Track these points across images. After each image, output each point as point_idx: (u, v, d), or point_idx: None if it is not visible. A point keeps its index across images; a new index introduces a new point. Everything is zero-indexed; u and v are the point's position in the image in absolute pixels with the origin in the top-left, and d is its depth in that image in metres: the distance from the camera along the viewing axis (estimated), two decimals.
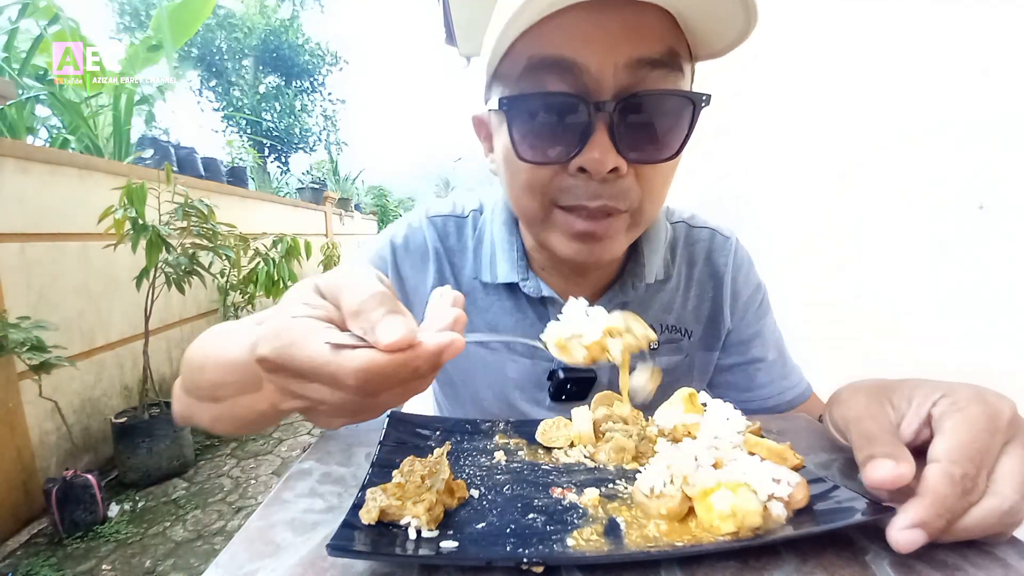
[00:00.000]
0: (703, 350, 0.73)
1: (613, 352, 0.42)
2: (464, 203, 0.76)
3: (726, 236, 0.74)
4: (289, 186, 11.68)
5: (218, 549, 1.47)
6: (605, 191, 0.51)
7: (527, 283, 0.66)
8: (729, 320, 0.73)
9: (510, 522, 0.37)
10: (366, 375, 0.27)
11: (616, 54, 0.47)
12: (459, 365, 0.73)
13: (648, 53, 0.48)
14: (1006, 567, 0.32)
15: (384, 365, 0.27)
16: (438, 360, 0.29)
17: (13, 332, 2.01)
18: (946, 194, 1.01)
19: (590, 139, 0.49)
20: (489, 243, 0.70)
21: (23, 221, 2.40)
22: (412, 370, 0.28)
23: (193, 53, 12.18)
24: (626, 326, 0.43)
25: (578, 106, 0.49)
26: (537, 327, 0.68)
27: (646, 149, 0.51)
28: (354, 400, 0.30)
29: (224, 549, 0.36)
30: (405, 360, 0.28)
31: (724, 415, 0.46)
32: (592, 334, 0.41)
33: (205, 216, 2.80)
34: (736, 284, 0.73)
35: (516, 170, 0.55)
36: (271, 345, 0.30)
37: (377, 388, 0.28)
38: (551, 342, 0.43)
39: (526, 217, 0.59)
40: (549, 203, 0.55)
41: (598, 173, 0.49)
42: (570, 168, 0.51)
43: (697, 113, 0.52)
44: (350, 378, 0.27)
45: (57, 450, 2.52)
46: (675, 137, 0.52)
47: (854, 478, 0.44)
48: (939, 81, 1.03)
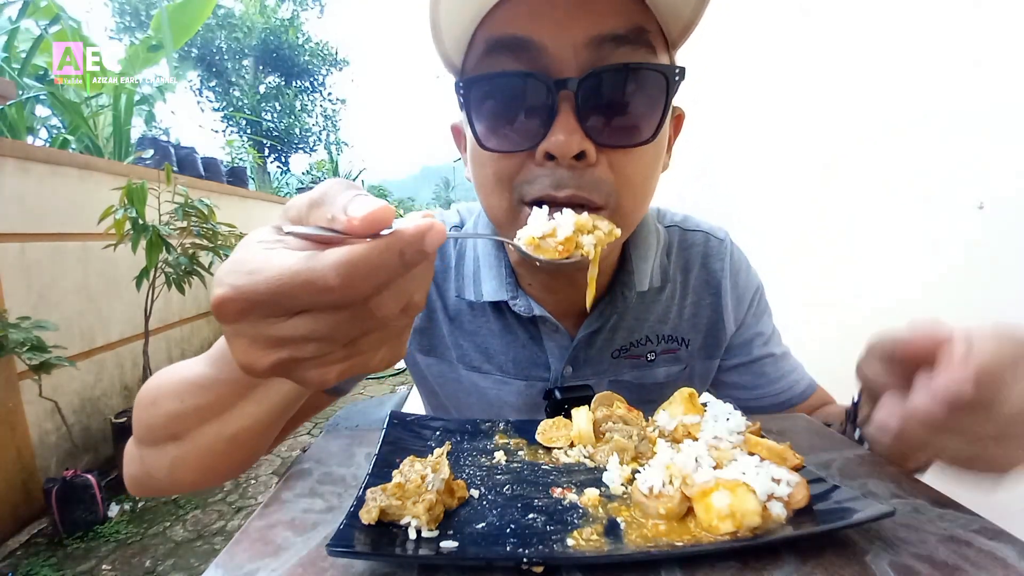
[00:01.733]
0: (704, 359, 0.71)
1: (586, 245, 0.43)
2: (444, 217, 0.73)
3: (720, 239, 0.72)
4: (289, 186, 11.68)
5: (218, 549, 1.47)
6: (573, 180, 0.47)
7: (517, 302, 0.63)
8: (731, 325, 0.70)
9: (510, 522, 0.37)
10: (348, 268, 0.23)
11: (574, 30, 0.45)
12: (452, 391, 0.71)
13: (610, 29, 0.45)
14: (1006, 567, 0.32)
15: (365, 252, 0.24)
16: (421, 245, 0.25)
17: (13, 332, 2.01)
18: (946, 194, 1.01)
19: (555, 121, 0.45)
20: (472, 259, 0.67)
21: (23, 221, 2.40)
22: (398, 256, 0.25)
23: (193, 53, 12.18)
24: (593, 224, 0.44)
25: (538, 85, 0.45)
26: (529, 349, 0.66)
27: (617, 131, 0.47)
28: (344, 321, 0.26)
29: (224, 549, 0.36)
30: (387, 244, 0.24)
31: (724, 415, 0.46)
32: (565, 230, 0.42)
33: (205, 216, 2.81)
34: (736, 289, 0.71)
35: (482, 164, 0.52)
36: (229, 281, 0.25)
37: (364, 287, 0.24)
38: (524, 242, 0.43)
39: (495, 218, 0.55)
40: (517, 200, 0.51)
41: (564, 156, 0.46)
42: (536, 156, 0.48)
43: (672, 90, 0.48)
44: (331, 277, 0.23)
45: (57, 450, 2.52)
46: (648, 119, 0.48)
47: (854, 478, 0.44)
48: (936, 78, 1.03)
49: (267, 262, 0.24)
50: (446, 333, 0.68)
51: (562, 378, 0.65)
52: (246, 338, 0.26)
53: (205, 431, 0.44)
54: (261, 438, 0.47)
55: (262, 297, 0.24)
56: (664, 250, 0.68)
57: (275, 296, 0.24)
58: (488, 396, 0.68)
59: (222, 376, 0.43)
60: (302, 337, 0.26)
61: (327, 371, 0.27)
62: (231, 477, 0.50)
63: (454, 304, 0.68)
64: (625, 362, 0.67)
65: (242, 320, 0.26)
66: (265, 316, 0.25)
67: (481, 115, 0.49)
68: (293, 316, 0.25)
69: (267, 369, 0.27)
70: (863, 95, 1.24)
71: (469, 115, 0.50)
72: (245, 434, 0.45)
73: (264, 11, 13.16)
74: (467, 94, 0.50)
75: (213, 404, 0.44)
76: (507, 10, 0.46)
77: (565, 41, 0.45)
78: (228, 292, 0.25)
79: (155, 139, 4.45)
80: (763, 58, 1.74)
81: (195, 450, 0.45)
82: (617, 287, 0.63)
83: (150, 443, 0.47)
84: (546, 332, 0.65)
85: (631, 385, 0.68)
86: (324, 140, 14.65)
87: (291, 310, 0.25)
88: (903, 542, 0.35)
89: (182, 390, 0.45)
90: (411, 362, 0.72)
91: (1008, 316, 0.85)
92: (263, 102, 13.20)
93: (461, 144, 0.63)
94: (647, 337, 0.67)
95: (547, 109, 0.46)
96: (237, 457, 0.47)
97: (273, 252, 0.25)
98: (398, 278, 0.26)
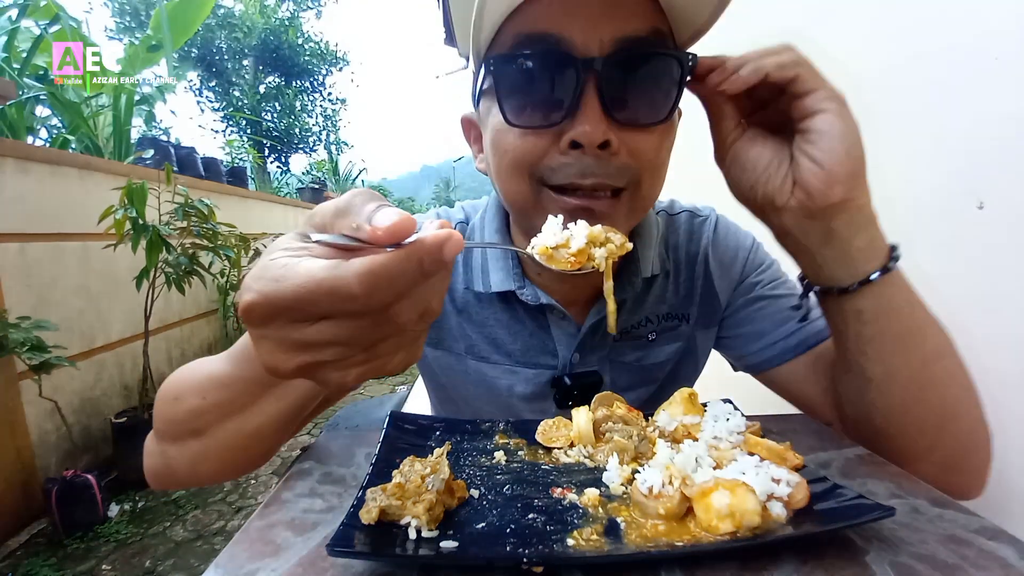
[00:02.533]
0: (702, 328, 0.72)
1: (598, 258, 0.43)
2: (449, 215, 0.75)
3: (703, 216, 0.73)
4: (289, 186, 11.69)
5: (218, 549, 1.47)
6: (599, 168, 0.50)
7: (524, 291, 0.64)
8: (724, 293, 0.71)
9: (510, 522, 0.37)
10: (370, 277, 0.24)
11: (600, 29, 0.47)
12: (459, 382, 0.72)
13: (633, 32, 0.48)
14: (1006, 567, 0.32)
15: (387, 262, 0.25)
16: (440, 255, 0.26)
17: (13, 332, 2.01)
18: (946, 194, 1.01)
19: (580, 107, 0.48)
20: (480, 251, 0.69)
21: (23, 221, 2.40)
22: (417, 265, 0.26)
23: (193, 53, 12.18)
24: (605, 236, 0.44)
25: (566, 64, 0.48)
26: (537, 337, 0.67)
27: (636, 112, 0.50)
28: (365, 327, 0.27)
29: (224, 549, 0.36)
30: (407, 254, 0.25)
31: (724, 415, 0.46)
32: (578, 242, 0.43)
33: (205, 216, 2.81)
34: (721, 252, 0.71)
35: (504, 150, 0.53)
36: (257, 287, 0.26)
37: (386, 295, 0.26)
38: (537, 251, 0.43)
39: (516, 203, 0.57)
40: (538, 183, 0.53)
41: (591, 145, 0.48)
42: (561, 145, 0.50)
43: (685, 75, 0.51)
44: (354, 285, 0.24)
45: (57, 450, 2.52)
46: (665, 99, 0.51)
47: (854, 478, 0.44)
48: (936, 77, 1.03)
49: (293, 269, 0.26)
50: (454, 324, 0.70)
51: (570, 365, 0.66)
52: (272, 341, 0.28)
53: (226, 427, 0.45)
54: (280, 433, 0.49)
55: (288, 303, 0.25)
56: (662, 237, 0.70)
57: (300, 302, 0.25)
58: (496, 386, 0.69)
59: (244, 374, 0.44)
60: (325, 342, 0.27)
61: (347, 374, 0.29)
62: (251, 471, 0.52)
63: (462, 296, 0.69)
64: (626, 344, 0.68)
65: (268, 324, 0.27)
66: (290, 321, 0.27)
67: (510, 92, 0.51)
68: (317, 321, 0.27)
69: (291, 371, 0.28)
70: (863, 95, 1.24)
71: (498, 92, 0.51)
72: (265, 430, 0.46)
73: (264, 11, 13.16)
74: (497, 72, 0.51)
75: (234, 401, 0.45)
76: (538, 7, 0.48)
77: (592, 37, 0.47)
78: (256, 298, 0.26)
79: (155, 139, 4.45)
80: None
81: (216, 445, 0.46)
82: (624, 274, 0.65)
83: (172, 438, 0.49)
84: (553, 320, 0.67)
85: (633, 367, 0.69)
86: (324, 140, 14.65)
87: (315, 316, 0.26)
88: (903, 542, 0.35)
89: (204, 387, 0.46)
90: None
91: (1008, 316, 0.85)
92: (263, 102, 13.20)
93: (472, 136, 0.64)
94: (647, 318, 0.69)
95: (573, 88, 0.48)
96: (257, 452, 0.49)
97: (299, 260, 0.26)
98: (417, 286, 0.27)
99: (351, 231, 0.27)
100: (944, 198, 1.01)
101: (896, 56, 1.15)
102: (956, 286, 0.99)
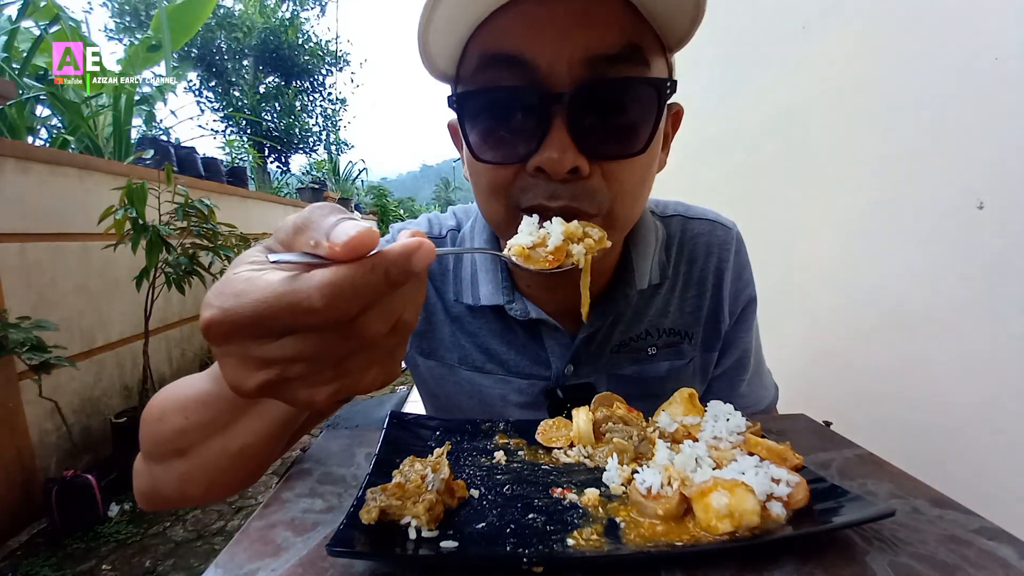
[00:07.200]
0: (704, 351, 0.70)
1: (576, 254, 0.42)
2: (441, 221, 0.73)
3: (727, 227, 0.70)
4: (289, 186, 11.67)
5: (218, 549, 1.47)
6: (566, 192, 0.47)
7: (513, 306, 0.63)
8: (727, 319, 0.69)
9: (510, 522, 0.37)
10: (332, 289, 0.23)
11: (569, 47, 0.44)
12: (453, 392, 0.71)
13: (604, 49, 0.45)
14: (1006, 567, 0.32)
15: (349, 273, 0.24)
16: (408, 265, 0.25)
17: (13, 332, 2.01)
18: (946, 193, 1.01)
19: (547, 136, 0.46)
20: (469, 263, 0.67)
21: (23, 221, 2.40)
22: (382, 277, 0.25)
23: (193, 53, 12.17)
24: (583, 231, 0.43)
25: (532, 99, 0.46)
26: (530, 348, 0.66)
27: (610, 145, 0.47)
28: (330, 341, 0.26)
29: (224, 549, 0.36)
30: (372, 265, 0.24)
31: (724, 415, 0.46)
32: (555, 239, 0.42)
33: (205, 216, 2.81)
34: (737, 283, 0.70)
35: (478, 172, 0.52)
36: (217, 303, 0.25)
37: (349, 307, 0.24)
38: (513, 252, 0.43)
39: (492, 222, 0.56)
40: (513, 206, 0.51)
41: (557, 173, 0.46)
42: (528, 168, 0.48)
43: (664, 101, 0.48)
44: (315, 298, 0.23)
45: (57, 450, 2.52)
46: (641, 130, 0.48)
47: (854, 478, 0.44)
48: (936, 78, 1.03)
49: (253, 284, 0.25)
50: (448, 335, 0.69)
51: (563, 377, 0.65)
52: (235, 358, 0.26)
53: (210, 446, 0.44)
54: (266, 452, 0.47)
55: (248, 319, 0.24)
56: (663, 245, 0.68)
57: (260, 318, 0.24)
58: (490, 396, 0.68)
59: (224, 392, 0.43)
60: (289, 358, 0.26)
61: (316, 392, 0.27)
62: (239, 491, 0.50)
63: (454, 307, 0.68)
64: (624, 357, 0.67)
65: (229, 341, 0.26)
66: (252, 337, 0.25)
67: (475, 128, 0.50)
68: (280, 337, 0.25)
69: (254, 389, 0.27)
70: (863, 95, 1.24)
71: (463, 127, 0.50)
72: (250, 449, 0.45)
73: (264, 11, 13.15)
74: (461, 108, 0.50)
75: (216, 420, 0.44)
76: (500, 23, 0.46)
77: (560, 59, 0.45)
78: (215, 314, 0.25)
79: (155, 139, 4.44)
80: (762, 58, 1.74)
81: (201, 465, 0.45)
82: (618, 286, 0.63)
83: (157, 459, 0.48)
84: (546, 332, 0.65)
85: (631, 379, 0.68)
86: (324, 140, 14.64)
87: (277, 331, 0.25)
88: (903, 542, 0.35)
89: (186, 406, 0.45)
90: (411, 364, 0.72)
91: (1008, 316, 0.85)
92: (263, 102, 13.19)
93: (458, 143, 0.63)
94: (646, 331, 0.67)
95: (540, 123, 0.46)
96: (243, 471, 0.47)
97: (262, 274, 0.25)
98: (384, 298, 0.26)
99: (310, 248, 0.25)
100: (944, 198, 1.01)
101: (896, 56, 1.15)
102: (956, 286, 0.99)
